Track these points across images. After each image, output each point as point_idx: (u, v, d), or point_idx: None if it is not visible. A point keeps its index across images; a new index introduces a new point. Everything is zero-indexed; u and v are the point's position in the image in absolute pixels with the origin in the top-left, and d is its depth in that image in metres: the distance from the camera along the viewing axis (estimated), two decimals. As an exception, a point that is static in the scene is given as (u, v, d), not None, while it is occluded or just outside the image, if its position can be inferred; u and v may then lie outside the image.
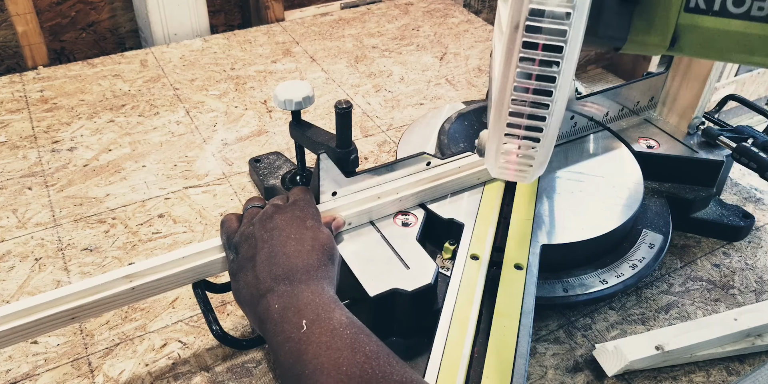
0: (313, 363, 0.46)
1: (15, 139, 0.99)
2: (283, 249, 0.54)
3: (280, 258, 0.54)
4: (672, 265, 0.80)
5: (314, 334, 0.48)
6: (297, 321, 0.49)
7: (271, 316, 0.50)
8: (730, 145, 0.80)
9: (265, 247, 0.55)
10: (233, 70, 1.19)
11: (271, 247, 0.55)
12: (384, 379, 0.44)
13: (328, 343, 0.47)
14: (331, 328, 0.48)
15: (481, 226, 0.70)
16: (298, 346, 0.47)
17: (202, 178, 0.92)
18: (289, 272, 0.53)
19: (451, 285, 0.63)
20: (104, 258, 0.79)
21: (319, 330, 0.48)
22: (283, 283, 0.52)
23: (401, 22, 1.39)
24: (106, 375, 0.65)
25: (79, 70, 1.17)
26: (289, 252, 0.54)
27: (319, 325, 0.48)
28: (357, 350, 0.46)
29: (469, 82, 1.18)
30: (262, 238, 0.56)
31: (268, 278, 0.53)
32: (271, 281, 0.52)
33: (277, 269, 0.53)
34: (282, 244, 0.55)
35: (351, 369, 0.45)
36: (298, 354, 0.47)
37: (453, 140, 0.82)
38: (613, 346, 0.65)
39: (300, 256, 0.54)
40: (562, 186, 0.77)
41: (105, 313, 0.70)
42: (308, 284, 0.52)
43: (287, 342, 0.48)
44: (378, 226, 0.69)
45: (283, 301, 0.51)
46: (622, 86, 0.85)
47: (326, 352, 0.46)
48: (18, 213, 0.85)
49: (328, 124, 1.03)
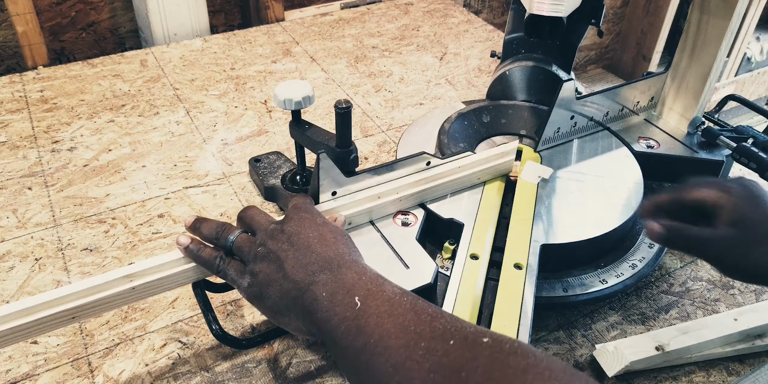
0: (378, 331, 0.45)
1: (15, 139, 0.99)
2: (308, 248, 0.54)
3: (309, 257, 0.53)
4: (672, 265, 0.80)
5: (370, 307, 0.47)
6: (349, 301, 0.48)
7: (320, 305, 0.49)
8: (730, 145, 0.80)
9: (288, 255, 0.54)
10: (233, 70, 1.19)
11: (296, 251, 0.54)
12: (457, 332, 0.43)
13: (389, 311, 0.46)
14: (387, 298, 0.47)
15: (481, 226, 0.70)
16: (356, 322, 0.46)
17: (202, 178, 0.92)
18: (324, 263, 0.52)
19: (450, 285, 0.63)
20: (104, 258, 0.79)
21: (375, 302, 0.47)
22: (322, 273, 0.51)
23: (401, 22, 1.39)
24: (106, 375, 0.65)
25: (79, 70, 1.17)
26: (316, 249, 0.54)
27: (373, 299, 0.47)
28: (420, 312, 0.45)
29: (469, 82, 1.18)
30: (281, 249, 0.54)
31: (305, 276, 0.51)
32: (309, 276, 0.51)
33: (311, 266, 0.52)
34: (305, 245, 0.54)
35: (419, 327, 0.44)
36: (358, 329, 0.46)
37: (453, 140, 0.82)
38: (613, 347, 0.65)
39: (329, 248, 0.54)
40: (562, 186, 0.77)
41: (105, 313, 0.70)
42: (349, 267, 0.52)
43: (342, 322, 0.47)
44: (378, 225, 0.69)
45: (328, 288, 0.50)
46: (622, 86, 0.85)
47: (388, 319, 0.45)
48: (18, 213, 0.85)
49: (328, 124, 1.03)
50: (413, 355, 0.42)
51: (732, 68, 2.41)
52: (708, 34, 0.78)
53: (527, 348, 0.40)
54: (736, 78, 2.44)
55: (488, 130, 0.87)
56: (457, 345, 0.42)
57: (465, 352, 0.41)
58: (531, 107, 0.88)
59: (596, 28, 0.83)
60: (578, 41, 0.87)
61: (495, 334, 0.42)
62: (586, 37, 0.87)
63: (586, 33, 0.86)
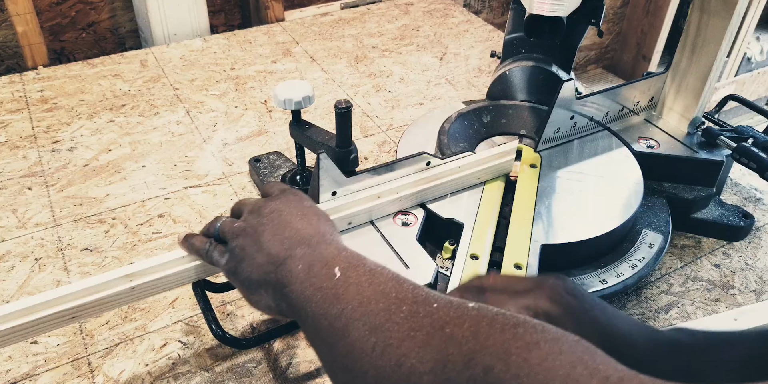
0: (357, 298, 0.43)
1: (15, 139, 0.99)
2: (288, 224, 0.52)
3: (288, 232, 0.51)
4: (672, 265, 0.80)
5: (350, 277, 0.45)
6: (327, 272, 0.46)
7: (295, 277, 0.47)
8: (730, 145, 0.80)
9: (267, 228, 0.52)
10: (233, 70, 1.19)
11: (275, 226, 0.52)
12: (441, 298, 0.41)
13: (370, 280, 0.44)
14: (368, 269, 0.46)
15: (481, 226, 0.70)
16: (334, 291, 0.44)
17: (202, 178, 0.92)
18: (302, 239, 0.50)
19: (450, 285, 0.63)
20: (104, 258, 0.79)
21: (356, 273, 0.45)
22: (300, 247, 0.49)
23: (401, 22, 1.39)
24: (106, 375, 0.65)
25: (79, 70, 1.17)
26: (296, 225, 0.52)
27: (354, 270, 0.46)
28: (402, 282, 0.44)
29: (469, 82, 1.18)
30: (260, 223, 0.52)
31: (281, 249, 0.49)
32: (285, 250, 0.49)
33: (290, 241, 0.50)
34: (286, 221, 0.52)
35: (401, 293, 0.42)
36: (335, 297, 0.44)
37: (453, 140, 0.82)
38: (613, 346, 0.65)
39: (310, 226, 0.52)
40: (562, 186, 0.77)
41: (105, 313, 0.70)
42: (329, 243, 0.50)
43: (319, 292, 0.45)
44: (378, 225, 0.69)
45: (305, 260, 0.48)
46: (622, 86, 0.85)
47: (369, 287, 0.43)
48: (18, 213, 0.85)
49: (328, 124, 1.03)
50: (393, 317, 0.40)
51: (732, 68, 2.41)
52: (708, 34, 0.78)
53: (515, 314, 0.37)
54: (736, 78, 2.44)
55: (488, 130, 0.87)
56: (441, 307, 0.39)
57: (450, 312, 0.39)
58: (531, 107, 0.88)
59: (596, 28, 0.83)
60: (578, 41, 0.87)
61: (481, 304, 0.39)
62: (586, 37, 0.87)
63: (586, 33, 0.86)
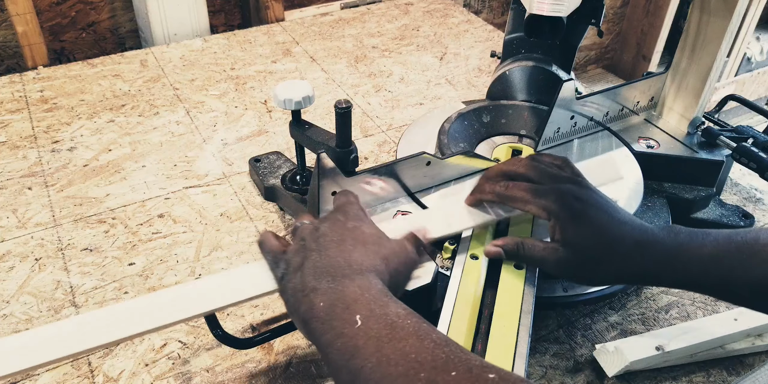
0: (376, 356, 0.42)
1: (15, 139, 0.99)
2: (326, 252, 0.53)
3: (323, 260, 0.52)
4: (672, 265, 0.80)
5: (371, 329, 0.44)
6: (348, 317, 0.46)
7: (316, 314, 0.47)
8: (730, 145, 0.80)
9: (312, 254, 0.53)
10: (233, 70, 1.19)
11: (318, 253, 0.53)
12: (461, 363, 0.40)
13: (390, 335, 0.43)
14: (390, 321, 0.45)
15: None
16: (354, 342, 0.44)
17: (202, 178, 0.92)
18: (330, 269, 0.51)
19: (450, 285, 0.63)
20: (104, 258, 0.79)
21: (377, 325, 0.45)
22: (325, 279, 0.50)
23: (401, 22, 1.39)
24: (106, 375, 0.65)
25: (79, 70, 1.17)
26: (332, 253, 0.52)
27: (375, 321, 0.45)
28: (423, 338, 0.43)
29: (469, 82, 1.18)
30: (310, 248, 0.54)
31: (312, 279, 0.50)
32: (314, 281, 0.50)
33: (320, 270, 0.51)
34: (325, 247, 0.53)
35: (421, 355, 0.41)
36: (355, 349, 0.44)
37: (453, 140, 0.82)
38: (613, 347, 0.65)
39: (341, 255, 0.52)
40: (562, 186, 0.76)
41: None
42: (352, 278, 0.50)
43: (339, 338, 0.45)
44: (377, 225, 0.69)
45: (327, 297, 0.48)
46: (622, 86, 0.85)
47: (389, 343, 0.43)
48: (18, 213, 0.85)
49: (328, 124, 1.03)
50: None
51: (732, 68, 2.41)
52: (708, 34, 0.78)
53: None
54: (736, 78, 2.44)
55: (488, 130, 0.87)
56: (459, 377, 0.39)
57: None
58: (531, 107, 0.88)
59: (596, 28, 0.83)
60: (578, 41, 0.87)
61: (502, 371, 0.40)
62: (586, 37, 0.87)
63: (586, 33, 0.86)
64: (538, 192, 0.59)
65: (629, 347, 0.65)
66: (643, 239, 0.56)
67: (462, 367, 0.40)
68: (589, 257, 0.57)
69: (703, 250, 0.55)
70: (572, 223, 0.57)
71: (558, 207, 0.57)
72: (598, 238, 0.56)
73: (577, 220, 0.57)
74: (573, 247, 0.57)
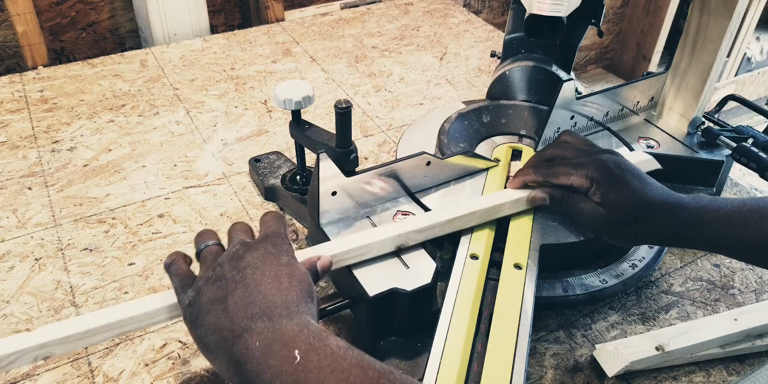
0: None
1: (15, 139, 0.99)
2: (257, 287, 0.50)
3: (255, 296, 0.49)
4: (672, 265, 0.80)
5: (312, 362, 0.43)
6: (286, 354, 0.44)
7: (251, 355, 0.45)
8: (730, 145, 0.80)
9: (238, 287, 0.50)
10: (233, 70, 1.19)
11: (245, 286, 0.50)
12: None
13: (332, 366, 0.43)
14: (330, 352, 0.44)
15: (480, 226, 0.70)
16: (295, 377, 0.42)
17: (202, 178, 0.92)
18: (267, 309, 0.48)
19: (450, 285, 0.63)
20: (104, 258, 0.79)
21: (317, 357, 0.43)
22: (261, 320, 0.47)
23: (401, 22, 1.39)
24: (106, 375, 0.65)
25: (79, 70, 1.17)
26: (265, 290, 0.50)
27: (315, 354, 0.44)
28: (367, 368, 0.43)
29: (469, 82, 1.18)
30: (233, 279, 0.51)
31: (243, 318, 0.48)
32: (247, 321, 0.47)
33: (253, 308, 0.48)
34: (257, 282, 0.50)
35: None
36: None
37: (453, 140, 0.82)
38: (613, 347, 0.65)
39: (278, 293, 0.50)
40: (562, 186, 0.76)
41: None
42: (290, 318, 0.48)
43: (278, 377, 0.43)
44: (377, 225, 0.69)
45: (263, 337, 0.46)
46: (622, 86, 0.85)
47: (332, 374, 0.42)
48: (18, 213, 0.85)
49: (328, 124, 1.03)
50: None
51: (732, 68, 2.41)
52: (708, 34, 0.78)
53: None
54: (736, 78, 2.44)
55: (488, 130, 0.87)
56: None
57: None
58: (531, 107, 0.88)
59: (596, 28, 0.83)
60: (578, 41, 0.87)
61: None
62: (586, 37, 0.87)
63: (586, 33, 0.86)
64: (579, 165, 0.66)
65: (629, 347, 0.65)
66: (672, 203, 0.62)
67: None
68: (625, 217, 0.63)
69: (719, 212, 0.61)
70: (612, 187, 0.63)
71: (599, 174, 0.64)
72: (633, 200, 0.63)
73: (616, 184, 0.63)
74: (611, 208, 0.63)
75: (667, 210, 0.62)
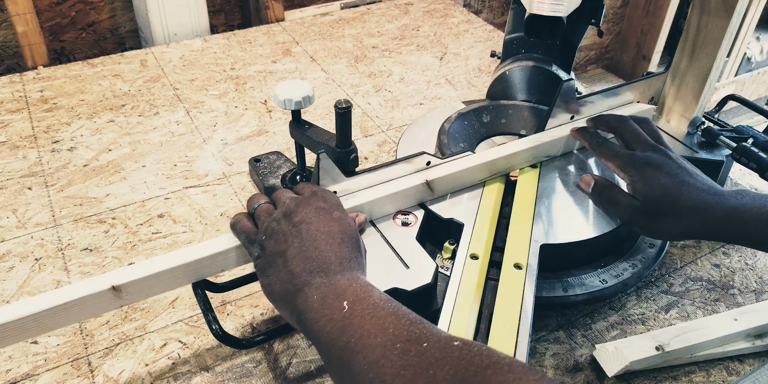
0: (359, 331, 0.47)
1: (15, 139, 0.99)
2: (314, 243, 0.55)
3: (312, 252, 0.54)
4: (672, 265, 0.80)
5: (356, 310, 0.49)
6: (338, 304, 0.50)
7: (311, 306, 0.51)
8: (730, 145, 0.80)
9: (295, 242, 0.55)
10: (233, 70, 1.19)
11: (302, 241, 0.55)
12: (432, 336, 0.45)
13: (372, 314, 0.48)
14: (372, 303, 0.49)
15: (480, 226, 0.70)
16: (342, 324, 0.48)
17: (202, 178, 0.92)
18: (323, 265, 0.54)
19: (450, 285, 0.63)
20: (104, 258, 0.79)
21: (361, 306, 0.49)
22: (318, 275, 0.53)
23: (401, 22, 1.39)
24: (106, 375, 0.65)
25: (79, 70, 1.17)
26: (321, 246, 0.55)
27: (360, 304, 0.49)
28: (401, 317, 0.48)
29: (469, 82, 1.18)
30: (290, 233, 0.56)
31: (303, 273, 0.53)
32: (306, 275, 0.53)
33: (311, 264, 0.54)
34: (312, 238, 0.55)
35: (398, 330, 0.46)
36: (342, 329, 0.48)
37: (453, 140, 0.82)
38: (613, 347, 0.65)
39: (332, 250, 0.55)
40: (562, 186, 0.77)
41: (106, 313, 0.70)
42: (343, 274, 0.53)
43: (329, 323, 0.49)
44: (378, 225, 0.69)
45: (321, 291, 0.51)
46: (622, 86, 0.85)
47: (371, 320, 0.48)
48: (18, 213, 0.85)
49: (328, 124, 1.03)
50: (388, 354, 0.45)
51: (732, 68, 2.41)
52: (708, 34, 0.78)
53: (493, 351, 0.43)
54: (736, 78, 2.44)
55: (488, 130, 0.87)
56: (430, 347, 0.44)
57: (436, 353, 0.44)
58: (531, 107, 0.88)
59: (596, 28, 0.83)
60: (578, 41, 0.87)
61: (466, 339, 0.45)
62: (586, 37, 0.87)
63: (586, 33, 0.86)
64: (617, 155, 0.70)
65: (629, 347, 0.65)
66: (708, 201, 0.64)
67: (432, 339, 0.45)
68: (654, 210, 0.66)
69: (763, 210, 0.62)
70: (640, 182, 0.67)
71: (630, 169, 0.68)
72: (662, 195, 0.65)
73: (647, 178, 0.67)
74: (643, 200, 0.66)
75: (700, 207, 0.64)
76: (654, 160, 0.68)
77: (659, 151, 0.70)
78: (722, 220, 0.63)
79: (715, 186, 0.66)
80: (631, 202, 0.67)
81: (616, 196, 0.70)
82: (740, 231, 0.63)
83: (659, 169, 0.67)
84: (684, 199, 0.64)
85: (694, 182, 0.66)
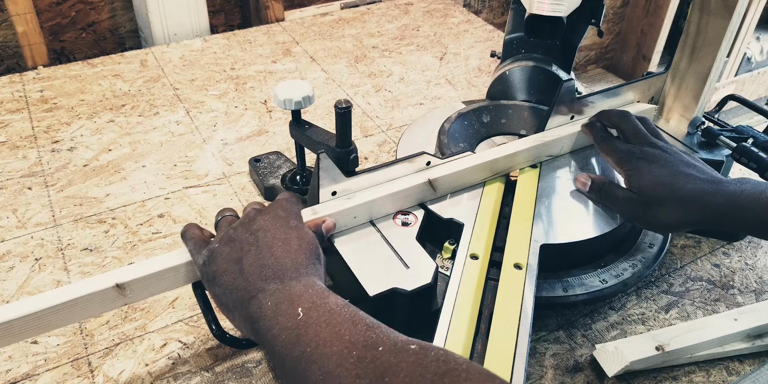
0: (314, 340, 0.46)
1: (15, 139, 0.99)
2: (270, 250, 0.54)
3: (268, 259, 0.54)
4: (672, 265, 0.80)
5: (311, 317, 0.48)
6: (292, 311, 0.49)
7: (264, 313, 0.50)
8: (730, 145, 0.80)
9: (251, 249, 0.55)
10: (233, 70, 1.19)
11: (258, 248, 0.55)
12: (388, 340, 0.44)
13: (328, 321, 0.47)
14: (329, 309, 0.49)
15: (480, 226, 0.70)
16: (297, 332, 0.47)
17: (202, 178, 0.92)
18: (279, 272, 0.53)
19: (450, 285, 0.63)
20: (104, 258, 0.79)
21: (317, 313, 0.48)
22: (273, 282, 0.52)
23: (401, 22, 1.39)
24: (106, 375, 0.65)
25: (79, 70, 1.17)
26: (277, 253, 0.54)
27: (315, 310, 0.48)
28: (357, 322, 0.47)
29: (469, 82, 1.18)
30: (247, 241, 0.55)
31: (258, 280, 0.52)
32: (261, 282, 0.52)
33: (267, 271, 0.53)
34: (268, 245, 0.55)
35: (354, 337, 0.45)
36: (297, 338, 0.47)
37: (453, 140, 0.82)
38: (613, 347, 0.65)
39: (288, 256, 0.54)
40: (562, 186, 0.77)
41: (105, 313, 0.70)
42: (299, 280, 0.53)
43: (284, 331, 0.48)
44: (378, 225, 0.69)
45: (275, 297, 0.51)
46: (622, 86, 0.85)
47: (326, 328, 0.47)
48: (18, 213, 0.85)
49: (328, 124, 1.03)
50: (344, 363, 0.43)
51: (732, 68, 2.41)
52: (708, 34, 0.78)
53: (451, 355, 0.42)
54: (736, 78, 2.44)
55: (488, 130, 0.87)
56: (385, 351, 0.43)
57: (391, 358, 0.43)
58: (531, 107, 0.88)
59: (596, 28, 0.83)
60: (578, 41, 0.87)
61: (423, 343, 0.44)
62: (586, 37, 0.87)
63: (586, 33, 0.86)
64: (615, 150, 0.71)
65: (629, 347, 0.65)
66: (706, 189, 0.64)
67: (388, 343, 0.44)
68: (652, 200, 0.66)
69: (762, 195, 0.62)
70: (635, 175, 0.68)
71: (626, 163, 0.69)
72: (657, 186, 0.65)
73: (638, 174, 0.67)
74: (639, 192, 0.67)
75: (698, 194, 0.64)
76: (649, 154, 0.68)
77: (656, 146, 0.70)
78: (721, 206, 0.63)
79: (715, 175, 0.66)
80: (628, 195, 0.68)
81: (614, 192, 0.70)
82: (739, 217, 0.62)
83: (654, 162, 0.67)
84: (680, 187, 0.64)
85: (691, 172, 0.66)
